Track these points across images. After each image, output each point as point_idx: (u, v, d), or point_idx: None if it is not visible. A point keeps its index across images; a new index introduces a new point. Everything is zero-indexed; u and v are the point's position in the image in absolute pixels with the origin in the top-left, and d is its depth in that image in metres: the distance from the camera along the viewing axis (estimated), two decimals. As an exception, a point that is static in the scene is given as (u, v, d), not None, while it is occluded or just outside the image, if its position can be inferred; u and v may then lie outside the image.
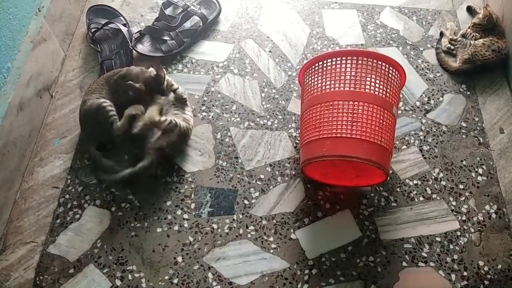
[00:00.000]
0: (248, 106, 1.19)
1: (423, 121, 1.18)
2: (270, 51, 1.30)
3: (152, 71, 1.05)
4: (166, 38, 1.24)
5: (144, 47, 1.23)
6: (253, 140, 1.13)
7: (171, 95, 1.08)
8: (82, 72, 1.21)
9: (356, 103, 0.91)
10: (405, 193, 1.07)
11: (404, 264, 0.97)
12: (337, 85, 0.94)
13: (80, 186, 1.03)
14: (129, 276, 0.93)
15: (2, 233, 0.95)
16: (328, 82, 0.95)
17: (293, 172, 1.08)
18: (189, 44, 1.27)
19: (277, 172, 1.08)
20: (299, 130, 1.10)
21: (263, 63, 1.27)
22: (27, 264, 0.93)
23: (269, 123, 1.16)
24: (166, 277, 0.93)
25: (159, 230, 0.99)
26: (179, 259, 0.95)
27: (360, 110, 0.90)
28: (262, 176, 1.07)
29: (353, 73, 0.93)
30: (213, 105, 1.18)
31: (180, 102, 1.09)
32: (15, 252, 0.94)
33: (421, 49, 1.33)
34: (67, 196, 1.01)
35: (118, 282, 0.92)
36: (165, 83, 1.07)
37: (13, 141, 0.98)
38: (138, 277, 0.93)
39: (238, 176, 1.07)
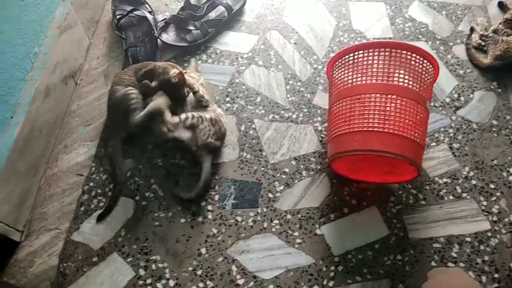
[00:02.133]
0: (273, 98, 1.17)
1: (453, 118, 1.15)
2: (295, 43, 1.27)
3: (174, 76, 1.01)
4: (191, 27, 1.23)
5: (168, 37, 1.22)
6: (277, 133, 1.11)
7: (191, 96, 1.05)
8: (107, 60, 1.20)
9: (389, 96, 0.88)
10: (434, 191, 1.04)
11: (433, 263, 0.94)
12: (368, 77, 0.91)
13: (104, 174, 1.02)
14: (153, 266, 0.92)
15: (26, 219, 0.95)
16: (359, 75, 0.92)
17: (319, 167, 1.06)
18: (213, 35, 1.26)
19: (302, 166, 1.06)
20: (326, 124, 1.08)
21: (288, 55, 1.25)
22: (51, 251, 0.92)
23: (294, 116, 1.14)
24: (190, 268, 0.92)
25: (182, 220, 0.97)
26: (203, 250, 0.94)
27: (393, 104, 0.88)
28: (286, 170, 1.05)
29: (386, 66, 0.91)
30: (237, 97, 1.17)
31: (200, 106, 1.05)
32: (39, 238, 0.94)
33: (451, 44, 1.29)
34: (91, 184, 1.01)
35: (141, 272, 0.91)
36: (185, 89, 1.04)
37: (39, 127, 0.97)
38: (162, 267, 0.92)
39: (263, 169, 1.05)
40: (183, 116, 0.99)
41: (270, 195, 1.02)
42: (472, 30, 1.30)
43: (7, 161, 0.86)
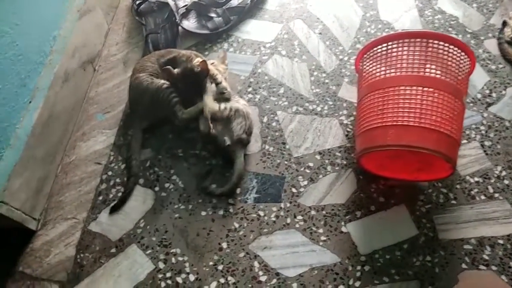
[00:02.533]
0: (297, 90, 1.12)
1: (485, 115, 1.10)
2: (320, 33, 1.23)
3: (197, 65, 0.97)
4: (213, 15, 1.19)
5: (190, 24, 1.18)
6: (301, 125, 1.07)
7: (213, 86, 1.01)
8: (126, 47, 1.16)
9: (425, 89, 0.84)
10: (466, 190, 0.99)
11: (464, 266, 0.90)
12: (404, 69, 0.86)
13: (123, 164, 0.99)
14: (173, 259, 0.88)
15: (42, 207, 0.92)
16: (393, 66, 0.88)
17: (344, 162, 1.02)
18: (235, 23, 1.22)
19: (327, 161, 1.02)
20: (353, 118, 1.03)
21: (313, 46, 1.20)
22: (67, 241, 0.90)
23: (319, 108, 1.09)
24: (211, 263, 0.88)
25: (203, 213, 0.94)
26: (224, 245, 0.91)
27: (430, 97, 0.83)
28: (311, 164, 1.01)
29: (422, 57, 0.86)
30: (259, 87, 1.12)
31: (222, 98, 1.00)
32: (55, 228, 0.91)
33: (482, 38, 1.23)
34: (109, 173, 0.98)
35: (161, 265, 0.88)
36: (207, 80, 0.99)
37: (57, 113, 0.94)
38: (182, 260, 0.88)
39: (286, 162, 1.01)
40: (222, 106, 0.95)
41: (294, 190, 0.98)
42: (504, 24, 1.25)
43: (25, 147, 0.83)
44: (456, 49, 0.87)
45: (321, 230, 0.93)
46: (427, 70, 0.85)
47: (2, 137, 0.78)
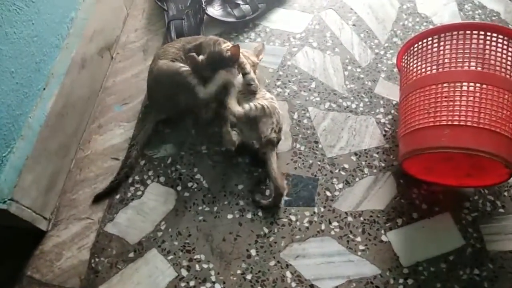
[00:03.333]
0: (329, 84, 1.04)
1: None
2: (354, 25, 1.14)
3: (227, 49, 0.88)
4: (239, 1, 1.10)
5: (214, 11, 1.09)
6: (335, 123, 0.98)
7: (240, 77, 0.93)
8: (146, 34, 1.08)
9: (484, 86, 0.75)
10: (514, 198, 0.91)
11: (515, 281, 0.82)
12: (459, 64, 0.78)
13: (142, 160, 0.91)
14: (197, 266, 0.80)
15: (54, 205, 0.84)
16: (447, 60, 0.79)
17: (382, 164, 0.93)
18: (263, 11, 1.13)
19: (363, 163, 0.93)
20: (398, 116, 0.94)
21: (346, 38, 1.12)
22: (81, 243, 0.81)
23: (354, 105, 1.01)
24: (239, 272, 0.80)
25: (230, 216, 0.86)
26: (253, 252, 0.82)
27: (489, 95, 0.75)
28: (346, 166, 0.93)
29: (480, 51, 0.77)
30: (289, 81, 1.04)
31: (248, 90, 0.92)
32: (68, 228, 0.83)
33: (526, 35, 1.15)
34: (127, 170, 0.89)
35: (184, 272, 0.79)
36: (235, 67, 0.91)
37: (73, 102, 0.86)
38: (207, 268, 0.80)
39: (319, 163, 0.93)
40: (246, 106, 0.87)
41: (328, 193, 0.90)
42: (550, 20, 1.16)
43: (38, 138, 0.75)
44: (516, 43, 0.79)
45: (359, 239, 0.85)
46: (486, 65, 0.77)
47: (13, 127, 0.70)
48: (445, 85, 0.77)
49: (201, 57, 0.87)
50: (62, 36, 0.82)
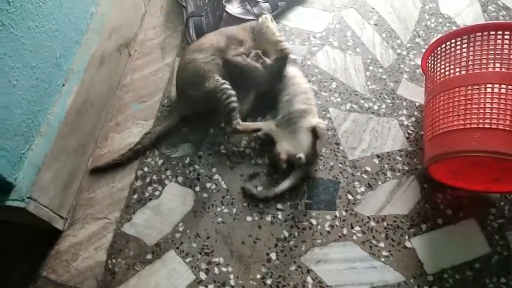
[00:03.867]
0: (350, 85, 1.01)
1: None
2: (375, 24, 1.12)
3: (283, 45, 0.90)
4: (259, -1, 1.08)
5: (234, 8, 1.07)
6: (356, 125, 0.96)
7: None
8: (164, 31, 1.06)
9: (516, 88, 0.72)
10: (542, 205, 0.88)
11: (544, 292, 0.79)
12: (490, 65, 0.75)
13: (160, 159, 0.89)
14: (215, 269, 0.78)
15: (71, 204, 0.82)
16: (477, 60, 0.76)
17: (406, 168, 0.91)
18: (283, 9, 1.11)
19: (386, 166, 0.91)
20: (423, 119, 0.92)
21: (368, 37, 1.09)
22: (98, 244, 0.80)
23: (376, 107, 0.98)
24: (258, 276, 0.78)
25: (249, 219, 0.84)
26: (273, 256, 0.80)
27: (521, 98, 0.72)
28: (368, 169, 0.90)
29: (510, 51, 0.75)
30: (309, 81, 1.02)
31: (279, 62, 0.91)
32: (84, 228, 0.81)
33: (552, 37, 1.11)
34: (145, 169, 0.87)
35: (202, 276, 0.77)
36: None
37: (91, 99, 0.84)
38: (226, 271, 0.78)
39: (340, 165, 0.91)
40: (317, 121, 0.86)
41: (350, 196, 0.87)
42: None
43: (57, 136, 0.73)
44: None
45: (382, 244, 0.82)
46: (518, 66, 0.74)
47: (33, 123, 0.68)
48: (475, 87, 0.75)
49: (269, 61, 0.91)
50: (82, 32, 0.81)
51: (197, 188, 0.86)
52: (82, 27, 0.81)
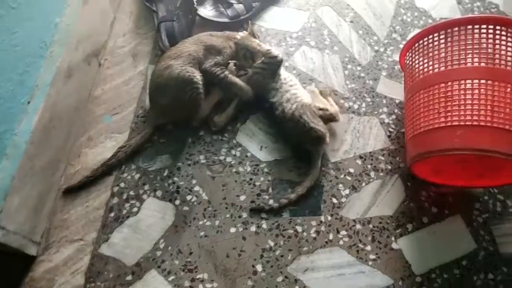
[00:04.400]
0: (329, 85, 1.00)
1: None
2: (351, 21, 1.10)
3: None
4: (233, 1, 1.05)
5: (207, 11, 1.04)
6: (337, 126, 0.94)
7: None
8: (134, 38, 1.02)
9: (496, 83, 0.72)
10: (525, 197, 0.88)
11: (531, 285, 0.79)
12: (469, 60, 0.74)
13: (137, 173, 0.85)
14: (200, 286, 0.75)
15: (44, 227, 0.78)
16: (456, 56, 0.75)
17: (389, 167, 0.90)
18: (258, 10, 1.08)
19: (369, 166, 0.90)
20: (404, 117, 0.90)
21: (344, 35, 1.07)
22: (75, 267, 0.76)
23: (356, 106, 0.97)
24: (245, 290, 0.75)
25: (233, 230, 0.81)
26: (259, 267, 0.78)
27: (502, 93, 0.71)
28: (351, 170, 0.89)
29: (490, 46, 0.74)
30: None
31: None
32: (60, 252, 0.77)
33: (526, 27, 1.12)
34: (122, 185, 0.84)
35: (186, 294, 0.75)
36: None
37: (59, 115, 0.80)
38: (211, 287, 0.75)
39: (323, 168, 0.89)
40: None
41: (334, 200, 0.85)
42: (549, 11, 1.13)
43: (24, 157, 0.69)
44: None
45: (369, 247, 0.81)
46: (496, 61, 0.73)
47: (-4, 146, 0.64)
48: (455, 83, 0.74)
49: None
50: (46, 44, 0.76)
51: (177, 202, 0.83)
52: (46, 40, 0.77)
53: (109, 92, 0.94)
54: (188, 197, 0.84)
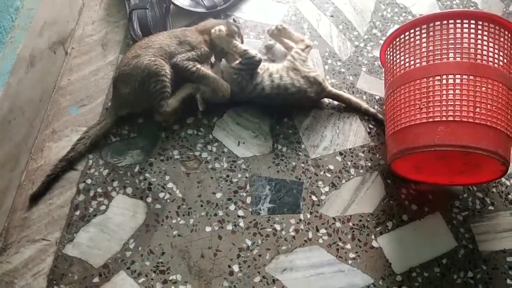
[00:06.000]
0: (309, 80, 0.97)
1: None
2: (332, 16, 1.08)
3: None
4: (210, -10, 1.01)
5: (182, 0, 0.99)
6: (317, 122, 0.92)
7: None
8: (104, 26, 0.96)
9: (478, 79, 0.71)
10: (503, 194, 0.88)
11: (509, 281, 0.79)
12: (451, 55, 0.73)
13: (105, 169, 0.80)
14: (172, 288, 0.71)
15: (2, 226, 0.72)
16: (437, 51, 0.74)
17: (369, 164, 0.88)
18: (236, 1, 1.04)
19: (349, 163, 0.87)
20: (383, 113, 0.89)
21: (324, 30, 1.05)
22: (36, 269, 0.70)
23: (336, 102, 0.95)
24: (220, 292, 0.72)
25: (208, 229, 0.77)
26: (235, 268, 0.74)
27: (483, 88, 0.70)
28: (331, 167, 0.87)
29: (472, 41, 0.73)
30: (266, 77, 0.96)
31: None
32: (20, 253, 0.71)
33: (503, 26, 1.12)
34: (88, 181, 0.78)
35: (158, 297, 0.70)
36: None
37: (20, 106, 0.74)
38: (184, 290, 0.71)
39: (302, 165, 0.86)
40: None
41: (314, 197, 0.83)
42: (525, 11, 1.15)
43: (-23, 151, 0.63)
44: (509, 34, 0.75)
45: (349, 246, 0.78)
46: (478, 57, 0.72)
47: None
48: (436, 78, 0.72)
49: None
50: (6, 29, 0.70)
51: (149, 199, 0.78)
52: (5, 24, 0.71)
53: (76, 83, 0.88)
54: (161, 195, 0.79)
